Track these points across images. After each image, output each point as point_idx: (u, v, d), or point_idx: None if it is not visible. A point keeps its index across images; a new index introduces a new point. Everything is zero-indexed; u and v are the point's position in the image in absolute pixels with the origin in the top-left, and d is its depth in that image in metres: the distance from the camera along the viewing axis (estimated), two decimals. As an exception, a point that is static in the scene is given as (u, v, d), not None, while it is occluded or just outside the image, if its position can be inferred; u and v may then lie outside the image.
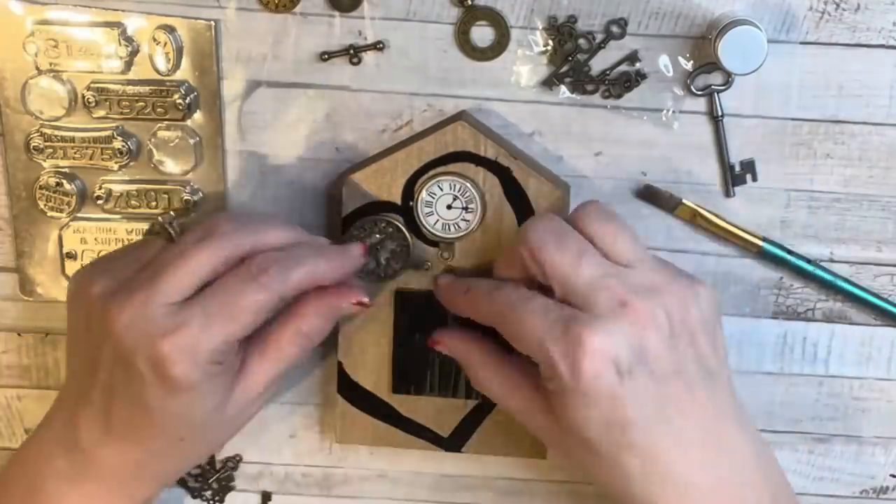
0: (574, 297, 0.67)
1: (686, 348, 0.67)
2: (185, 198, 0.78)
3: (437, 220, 0.75)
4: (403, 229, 0.75)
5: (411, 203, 0.75)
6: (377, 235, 0.75)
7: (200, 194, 0.78)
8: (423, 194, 0.74)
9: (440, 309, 0.76)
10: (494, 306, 0.69)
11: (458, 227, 0.75)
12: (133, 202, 0.78)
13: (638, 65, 0.75)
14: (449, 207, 0.75)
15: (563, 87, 0.75)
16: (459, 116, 0.75)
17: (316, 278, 0.70)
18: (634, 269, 0.68)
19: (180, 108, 0.76)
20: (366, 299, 0.72)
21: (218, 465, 0.84)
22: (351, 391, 0.79)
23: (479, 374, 0.74)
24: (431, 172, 0.74)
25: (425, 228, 0.75)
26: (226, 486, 0.85)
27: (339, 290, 0.71)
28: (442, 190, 0.74)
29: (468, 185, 0.74)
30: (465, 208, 0.75)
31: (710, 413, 0.68)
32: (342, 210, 0.75)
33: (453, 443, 0.80)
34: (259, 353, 0.71)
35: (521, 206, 0.75)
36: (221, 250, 0.68)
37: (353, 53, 0.75)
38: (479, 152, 0.74)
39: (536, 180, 0.74)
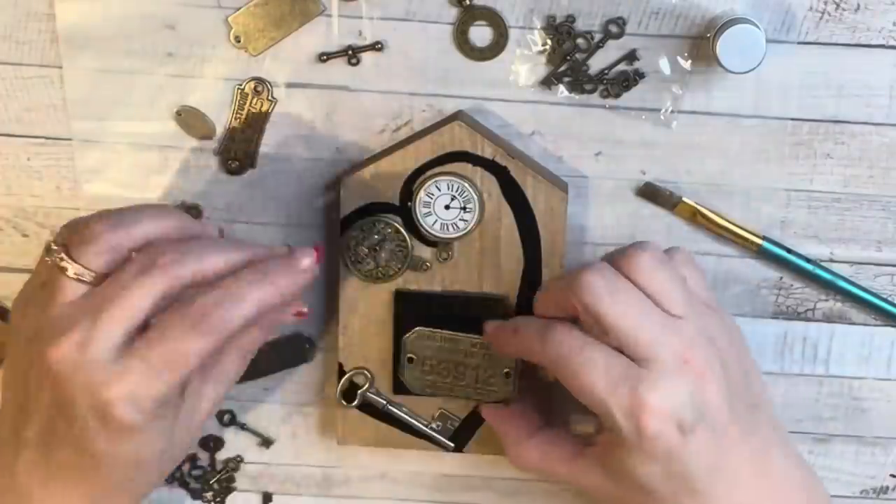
0: (634, 352, 0.67)
1: (737, 391, 0.68)
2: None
3: (436, 221, 0.75)
4: (402, 230, 0.75)
5: (409, 204, 0.75)
6: (376, 236, 0.75)
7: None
8: (421, 195, 0.74)
9: (441, 310, 0.77)
10: (548, 352, 0.68)
11: (457, 226, 0.75)
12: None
13: (636, 64, 0.75)
14: (447, 207, 0.75)
15: (561, 87, 0.75)
16: (456, 116, 0.75)
17: (263, 308, 0.66)
18: (688, 319, 0.68)
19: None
20: (305, 309, 0.71)
21: (219, 466, 0.84)
22: (351, 392, 0.79)
23: (516, 450, 0.75)
24: (429, 173, 0.74)
25: (424, 229, 0.75)
26: (227, 487, 0.85)
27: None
28: (440, 190, 0.74)
29: (466, 184, 0.74)
30: (464, 208, 0.75)
31: (758, 447, 0.69)
32: (340, 211, 0.76)
33: (454, 443, 0.80)
34: (201, 380, 0.69)
35: (520, 206, 0.75)
36: (160, 286, 0.65)
37: (351, 54, 0.75)
38: (477, 152, 0.74)
39: (534, 179, 0.74)
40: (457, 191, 0.74)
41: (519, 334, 0.71)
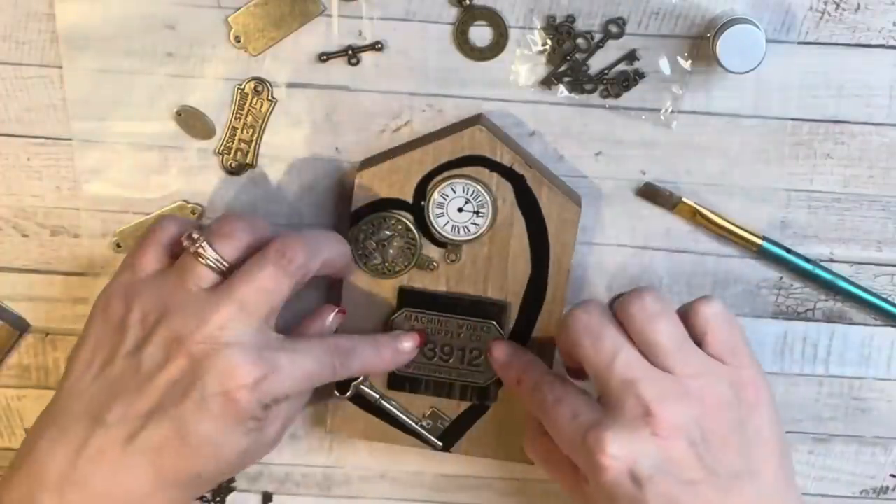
0: (606, 398, 0.68)
1: (718, 452, 0.67)
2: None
3: (448, 222, 0.75)
4: (413, 228, 0.75)
5: (423, 203, 0.75)
6: (385, 232, 0.75)
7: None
8: (436, 195, 0.74)
9: (443, 311, 0.77)
10: (534, 406, 0.72)
11: (468, 230, 0.75)
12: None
13: (636, 64, 0.75)
14: (460, 210, 0.75)
15: (561, 87, 0.75)
16: (478, 120, 0.74)
17: (367, 369, 0.75)
18: (672, 371, 0.67)
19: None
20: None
21: (219, 466, 0.85)
22: (346, 383, 0.79)
23: (531, 440, 0.75)
24: (446, 174, 0.74)
25: (434, 229, 0.75)
26: (226, 487, 0.85)
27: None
28: (455, 192, 0.74)
29: (481, 189, 0.74)
30: (476, 212, 0.75)
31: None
32: (352, 204, 0.75)
33: (443, 443, 0.80)
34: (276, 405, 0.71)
35: (532, 215, 0.75)
36: (294, 278, 0.70)
37: (351, 54, 0.75)
38: (496, 158, 0.74)
39: (550, 191, 0.74)
40: (471, 194, 0.74)
41: (521, 386, 0.74)
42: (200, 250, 0.70)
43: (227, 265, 0.70)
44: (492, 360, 0.76)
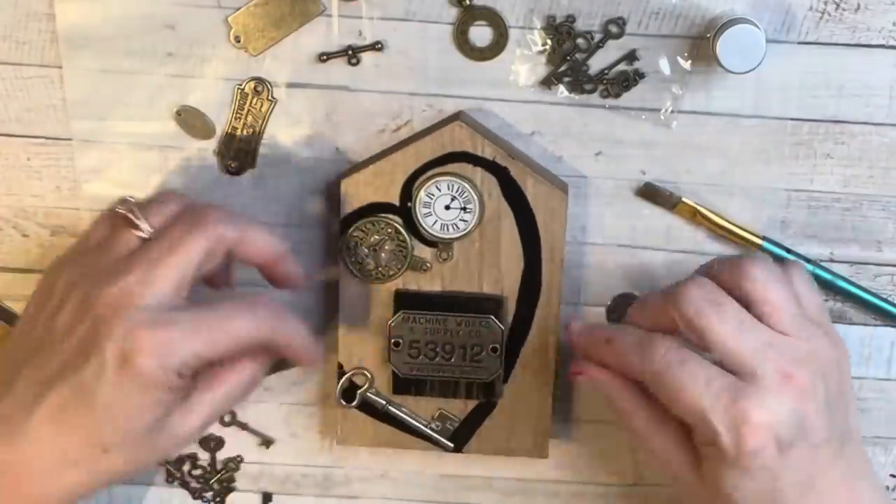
0: (736, 367, 0.67)
1: (835, 413, 0.68)
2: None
3: (436, 221, 0.75)
4: (402, 230, 0.75)
5: (410, 204, 0.75)
6: (376, 237, 0.76)
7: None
8: (422, 195, 0.75)
9: (441, 310, 0.77)
10: (647, 365, 0.68)
11: (457, 227, 0.75)
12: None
13: (636, 64, 0.75)
14: (447, 208, 0.75)
15: (561, 87, 0.75)
16: (457, 117, 0.75)
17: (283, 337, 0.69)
18: (794, 337, 0.68)
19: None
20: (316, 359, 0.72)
21: (219, 466, 0.84)
22: (351, 392, 0.79)
23: (625, 406, 0.72)
24: (429, 173, 0.74)
25: (424, 229, 0.75)
26: (227, 487, 0.85)
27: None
28: (440, 190, 0.74)
29: (466, 185, 0.74)
30: (464, 208, 0.75)
31: (849, 474, 0.69)
32: (341, 211, 0.76)
33: (454, 443, 0.80)
34: (205, 387, 0.68)
35: (520, 207, 0.75)
36: (206, 241, 0.68)
37: (351, 54, 0.75)
38: (477, 152, 0.74)
39: (535, 180, 0.74)
40: (457, 191, 0.74)
41: (614, 345, 0.71)
42: (129, 215, 0.69)
43: (151, 230, 0.69)
44: (569, 333, 0.74)
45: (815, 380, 0.67)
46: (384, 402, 0.79)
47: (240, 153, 0.77)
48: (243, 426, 0.84)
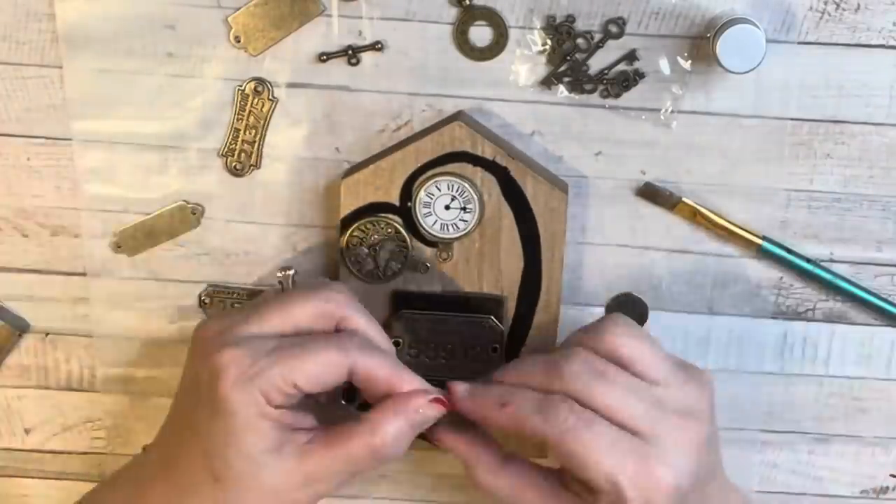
0: (633, 430, 0.68)
1: (714, 445, 0.71)
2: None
3: (436, 221, 0.75)
4: (402, 230, 0.75)
5: (409, 204, 0.75)
6: (376, 237, 0.76)
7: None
8: (422, 195, 0.75)
9: (440, 310, 0.77)
10: (550, 428, 0.68)
11: (457, 227, 0.75)
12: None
13: (636, 64, 0.75)
14: (447, 208, 0.75)
15: (561, 87, 0.75)
16: (457, 116, 0.75)
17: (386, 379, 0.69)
18: (672, 385, 0.69)
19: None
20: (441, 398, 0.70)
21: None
22: (352, 392, 0.79)
23: (488, 476, 0.72)
24: (429, 173, 0.74)
25: (424, 229, 0.75)
26: (227, 487, 0.85)
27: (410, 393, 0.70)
28: (440, 190, 0.74)
29: (466, 185, 0.74)
30: (464, 208, 0.75)
31: (724, 496, 0.73)
32: (340, 211, 0.76)
33: None
34: (326, 443, 0.69)
35: (520, 206, 0.75)
36: (317, 306, 0.69)
37: (351, 54, 0.75)
38: (477, 152, 0.74)
39: (534, 180, 0.74)
40: (457, 191, 0.74)
41: (509, 409, 0.69)
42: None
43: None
44: (452, 397, 0.71)
45: (701, 424, 0.69)
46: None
47: (241, 154, 0.77)
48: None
